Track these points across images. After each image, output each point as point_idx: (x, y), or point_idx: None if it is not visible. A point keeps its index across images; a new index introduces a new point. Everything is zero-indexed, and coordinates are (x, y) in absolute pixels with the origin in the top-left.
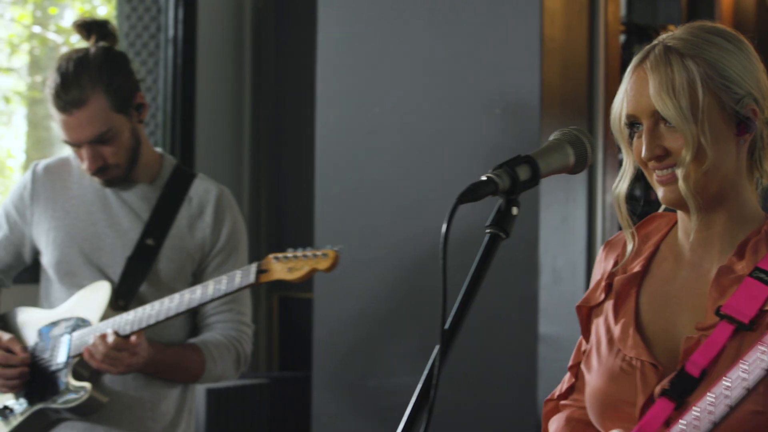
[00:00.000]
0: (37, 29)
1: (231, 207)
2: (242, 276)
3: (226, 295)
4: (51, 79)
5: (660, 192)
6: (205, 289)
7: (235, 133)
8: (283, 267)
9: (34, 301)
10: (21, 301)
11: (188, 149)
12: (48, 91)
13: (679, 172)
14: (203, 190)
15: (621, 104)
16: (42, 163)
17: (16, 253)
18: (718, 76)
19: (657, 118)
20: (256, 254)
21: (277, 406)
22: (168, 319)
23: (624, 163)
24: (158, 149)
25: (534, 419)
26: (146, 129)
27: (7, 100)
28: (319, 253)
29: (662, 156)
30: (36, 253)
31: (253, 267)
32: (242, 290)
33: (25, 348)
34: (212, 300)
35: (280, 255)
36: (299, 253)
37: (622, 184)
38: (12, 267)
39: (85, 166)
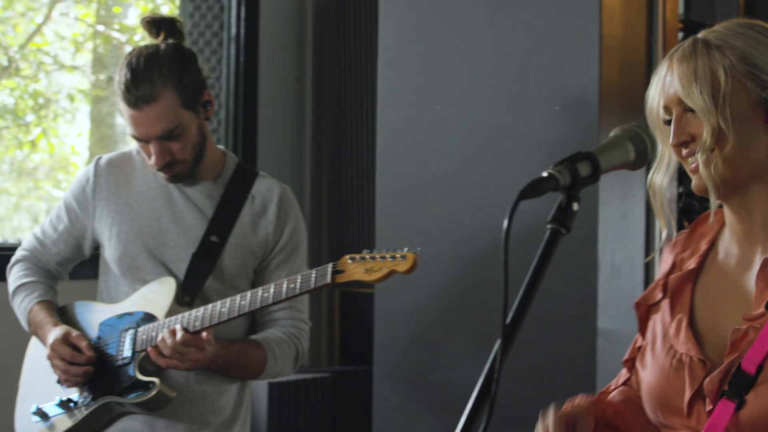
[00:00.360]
0: (101, 28)
1: (293, 205)
2: (317, 276)
3: (299, 295)
4: (121, 74)
5: (692, 181)
6: (278, 288)
7: (296, 131)
8: (360, 268)
9: (88, 297)
10: (76, 297)
11: (250, 147)
12: (117, 87)
13: (699, 157)
14: (266, 188)
15: (654, 96)
16: (105, 158)
17: (76, 246)
18: (745, 64)
19: (684, 106)
20: (318, 252)
21: (339, 400)
22: (239, 317)
23: (660, 153)
24: (220, 147)
25: None
26: (210, 126)
27: (71, 98)
28: (398, 254)
29: (688, 142)
30: (95, 247)
31: (329, 267)
32: (316, 291)
33: (91, 346)
34: (285, 300)
35: (356, 255)
36: (377, 254)
37: (656, 174)
38: (71, 260)
39: (152, 161)
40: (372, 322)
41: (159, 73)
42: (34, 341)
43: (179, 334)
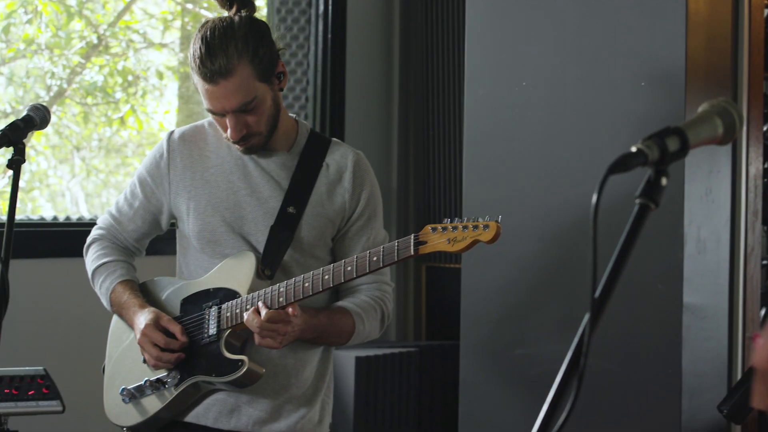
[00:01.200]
0: (189, 6)
1: (368, 171)
2: (400, 248)
3: (382, 267)
4: (195, 47)
5: None
6: (361, 262)
7: (384, 106)
8: (443, 238)
9: (166, 273)
10: (153, 273)
11: (338, 122)
12: (192, 60)
13: None
14: (340, 155)
15: None
16: (177, 132)
17: (153, 221)
18: None
19: None
20: (405, 226)
21: (425, 375)
22: (323, 291)
23: None
24: (292, 115)
25: (677, 387)
26: (297, 103)
27: (159, 75)
28: (480, 224)
29: None
30: (172, 222)
31: (411, 239)
32: (399, 263)
33: (184, 332)
34: (368, 273)
35: (437, 226)
36: (459, 224)
37: None
38: (148, 235)
39: (227, 134)
40: (458, 296)
41: (235, 47)
42: (115, 321)
43: (263, 312)
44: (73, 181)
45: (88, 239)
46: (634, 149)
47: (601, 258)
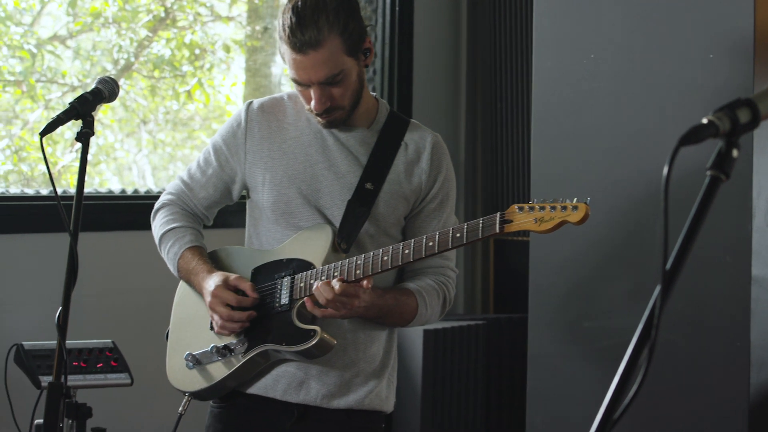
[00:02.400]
0: None
1: (445, 154)
2: (485, 225)
3: (465, 244)
4: (285, 17)
5: None
6: (443, 238)
7: (451, 81)
8: (529, 218)
9: (233, 244)
10: (220, 246)
11: (406, 96)
12: (281, 30)
13: None
14: (418, 136)
15: None
16: (256, 102)
17: (225, 190)
18: None
19: None
20: (472, 201)
21: (493, 348)
22: (403, 265)
23: None
24: (373, 93)
25: (746, 361)
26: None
27: (226, 48)
28: (569, 204)
29: None
30: (244, 192)
31: (497, 217)
32: (482, 240)
33: (254, 288)
34: (449, 249)
35: (524, 205)
36: (546, 203)
37: None
38: (218, 203)
39: (311, 106)
40: (527, 269)
41: (326, 19)
42: (182, 287)
43: (337, 285)
44: (139, 154)
45: (157, 204)
46: (705, 121)
47: (672, 230)
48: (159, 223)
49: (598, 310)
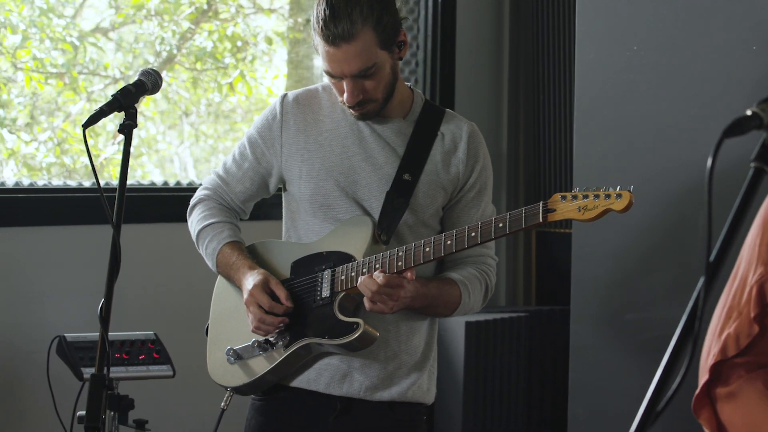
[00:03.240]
0: None
1: (481, 143)
2: (528, 215)
3: (507, 234)
4: (319, 9)
5: None
6: (486, 228)
7: (493, 71)
8: (573, 206)
9: (270, 238)
10: (258, 238)
11: (448, 88)
12: (315, 22)
13: None
14: (455, 125)
15: None
16: (291, 94)
17: (261, 184)
18: None
19: None
20: (515, 192)
21: (535, 340)
22: (444, 257)
23: None
24: (408, 84)
25: None
26: (407, 67)
27: (268, 40)
28: (613, 192)
29: None
30: (281, 185)
31: (540, 206)
32: (525, 230)
33: (290, 296)
34: (492, 239)
35: (567, 194)
36: (590, 192)
37: None
38: (254, 197)
39: (344, 98)
40: (569, 261)
41: (359, 12)
42: (220, 282)
43: (380, 277)
44: (181, 146)
45: (193, 200)
46: (749, 112)
47: (714, 222)
48: (196, 219)
49: (640, 303)
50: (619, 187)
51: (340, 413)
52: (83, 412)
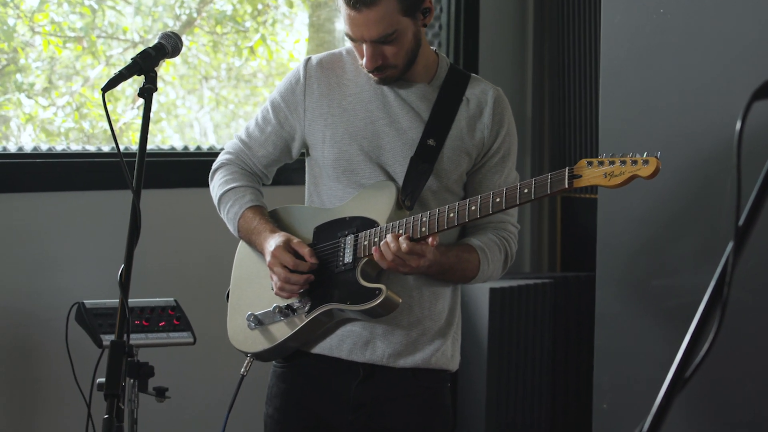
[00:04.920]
0: None
1: (507, 109)
2: (553, 180)
3: (533, 200)
4: None
5: None
6: (511, 194)
7: (518, 35)
8: (598, 173)
9: (293, 203)
10: (281, 203)
11: (472, 51)
12: None
13: None
14: (480, 90)
15: None
16: (315, 58)
17: (284, 148)
18: None
19: None
20: (539, 157)
21: (560, 306)
22: (469, 222)
23: None
24: (433, 48)
25: None
26: (431, 30)
27: (289, 3)
28: (640, 159)
29: None
30: (304, 150)
31: (566, 172)
32: (550, 196)
33: (314, 253)
34: (517, 205)
35: (593, 160)
36: (616, 158)
37: None
38: (277, 162)
39: (362, 62)
40: (594, 227)
41: None
42: (242, 247)
43: (404, 243)
44: (201, 111)
45: (215, 164)
46: None
47: (743, 186)
48: (217, 183)
49: (667, 269)
50: (646, 153)
51: (363, 380)
52: (102, 380)
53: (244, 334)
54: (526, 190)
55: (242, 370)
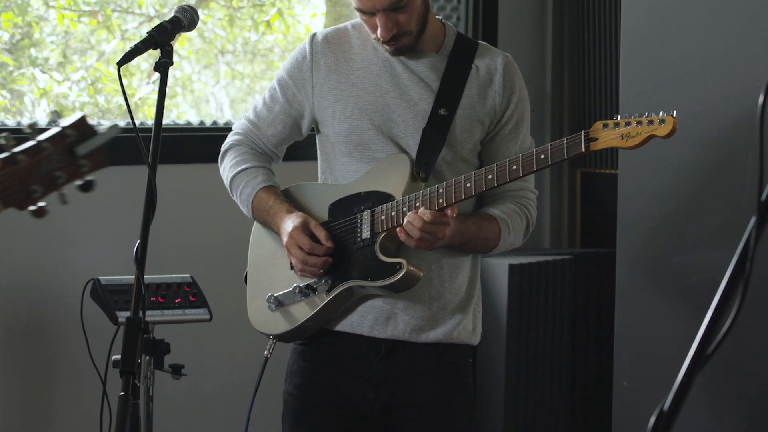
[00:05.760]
0: None
1: (517, 74)
2: (569, 144)
3: (549, 166)
4: None
5: None
6: (527, 160)
7: (537, 7)
8: (615, 134)
9: (305, 179)
10: (293, 180)
11: (491, 23)
12: None
13: None
14: (489, 58)
15: None
16: (320, 34)
17: (293, 126)
18: None
19: None
20: (559, 127)
21: (580, 283)
22: (486, 191)
23: None
24: (438, 17)
25: None
26: (449, 4)
27: None
28: (656, 118)
29: None
30: (314, 126)
31: (581, 135)
32: (567, 161)
33: (330, 236)
34: (534, 172)
35: (609, 122)
36: (632, 119)
37: None
38: (287, 140)
39: (378, 34)
40: (614, 203)
41: None
42: (257, 228)
43: (426, 213)
44: (217, 86)
45: (224, 145)
46: None
47: (766, 159)
48: (228, 165)
49: (688, 245)
50: (662, 113)
51: (385, 356)
52: (118, 357)
53: (265, 316)
54: (542, 156)
55: (265, 352)
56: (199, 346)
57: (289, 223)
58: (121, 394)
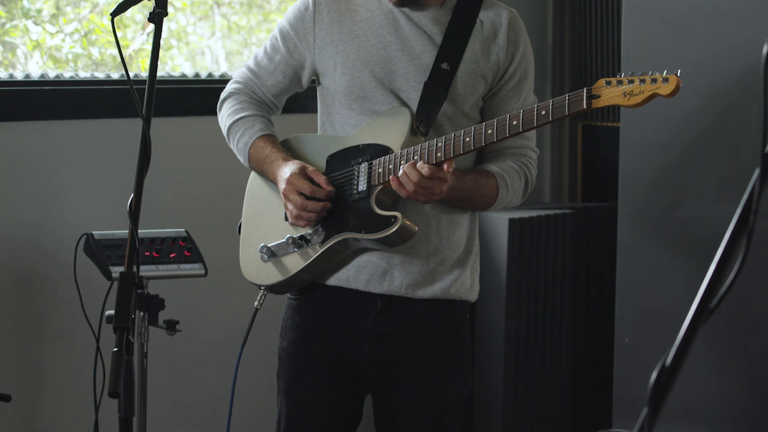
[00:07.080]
0: None
1: (522, 30)
2: (571, 101)
3: (550, 122)
4: None
5: None
6: (528, 116)
7: None
8: (617, 92)
9: (306, 131)
10: (294, 131)
11: None
12: None
13: None
14: (494, 12)
15: None
16: None
17: (294, 77)
18: None
19: None
20: (560, 82)
21: (581, 237)
22: (485, 146)
23: None
24: None
25: None
26: None
27: None
28: (659, 77)
29: None
30: (314, 78)
31: (584, 92)
32: (568, 118)
33: (329, 181)
34: (534, 128)
35: (612, 79)
36: (635, 77)
37: None
38: (287, 91)
39: None
40: (616, 156)
41: None
42: (253, 178)
43: (424, 167)
44: (213, 38)
45: (223, 94)
46: None
47: None
48: (226, 113)
49: (690, 199)
50: (665, 71)
51: (381, 312)
52: (112, 312)
53: (257, 266)
54: (543, 112)
55: (256, 303)
56: (194, 302)
57: (286, 170)
58: (115, 350)
